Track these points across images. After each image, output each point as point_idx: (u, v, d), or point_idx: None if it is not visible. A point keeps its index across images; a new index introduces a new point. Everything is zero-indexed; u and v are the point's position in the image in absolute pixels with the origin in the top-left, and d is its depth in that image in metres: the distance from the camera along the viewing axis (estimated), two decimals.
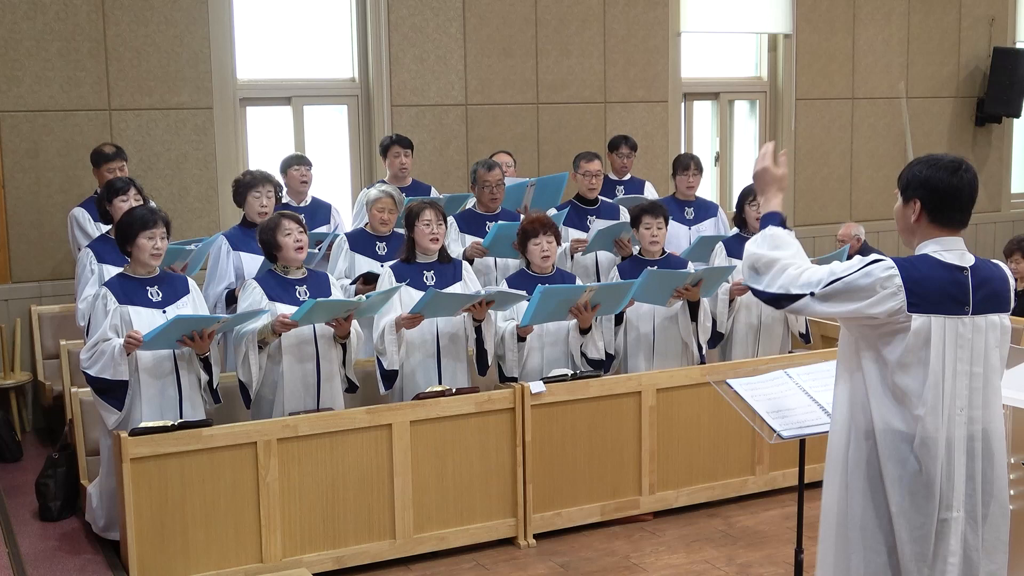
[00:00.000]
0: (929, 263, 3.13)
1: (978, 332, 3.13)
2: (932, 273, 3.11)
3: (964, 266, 3.14)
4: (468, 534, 5.41)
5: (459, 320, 5.60)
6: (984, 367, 3.14)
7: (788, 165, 3.49)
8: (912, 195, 3.17)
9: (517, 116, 9.02)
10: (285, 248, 5.31)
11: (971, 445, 3.13)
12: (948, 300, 3.09)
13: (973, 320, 3.12)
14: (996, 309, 3.17)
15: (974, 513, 3.15)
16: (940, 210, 3.15)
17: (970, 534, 3.15)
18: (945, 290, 3.10)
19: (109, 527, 5.29)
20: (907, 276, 3.08)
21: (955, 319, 3.10)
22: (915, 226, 3.20)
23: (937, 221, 3.16)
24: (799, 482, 4.39)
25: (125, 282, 5.16)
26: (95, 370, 5.00)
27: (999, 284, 3.19)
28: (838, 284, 3.12)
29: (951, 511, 3.12)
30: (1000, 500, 3.20)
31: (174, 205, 7.80)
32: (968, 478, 3.13)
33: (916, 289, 3.07)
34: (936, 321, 3.08)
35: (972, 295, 3.12)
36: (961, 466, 3.12)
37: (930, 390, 3.08)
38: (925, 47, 10.90)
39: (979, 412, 3.14)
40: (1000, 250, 8.92)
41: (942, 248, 3.15)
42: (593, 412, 5.61)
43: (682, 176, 7.34)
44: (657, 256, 6.10)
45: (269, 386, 5.30)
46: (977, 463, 3.14)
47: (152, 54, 7.76)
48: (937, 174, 3.12)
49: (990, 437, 3.16)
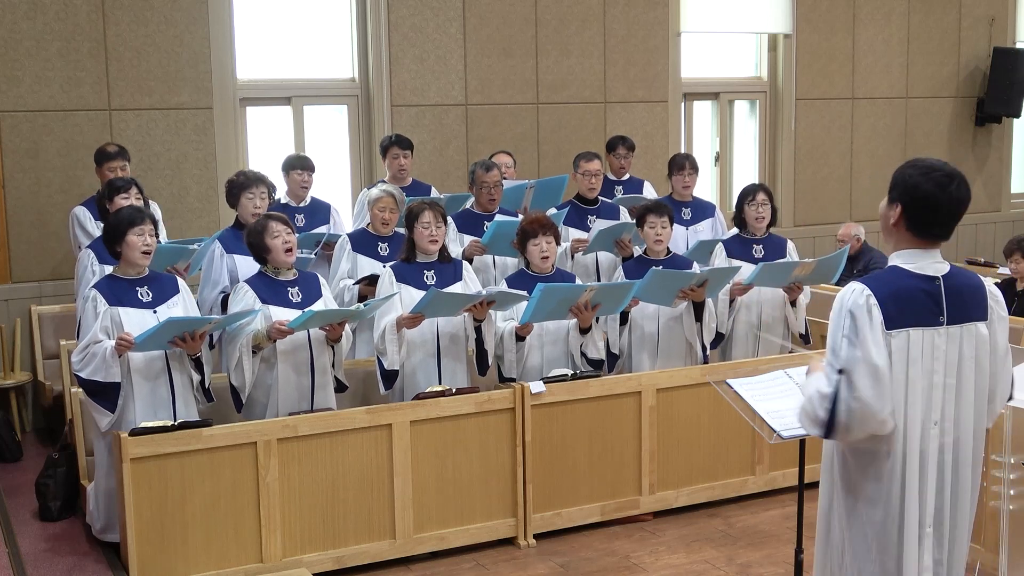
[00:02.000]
0: (898, 275, 3.07)
1: (952, 342, 3.07)
2: (902, 284, 3.05)
3: (936, 276, 3.07)
4: (468, 534, 5.41)
5: (459, 320, 5.60)
6: (957, 378, 3.09)
7: (788, 165, 3.47)
8: (896, 198, 3.08)
9: (517, 116, 9.02)
10: (274, 250, 5.29)
11: (942, 458, 3.09)
12: (922, 311, 3.04)
13: (948, 330, 3.07)
14: (972, 318, 3.10)
15: (941, 529, 3.12)
16: (919, 220, 3.05)
17: (937, 551, 3.12)
18: (918, 300, 3.04)
19: (107, 529, 5.28)
20: (879, 293, 3.02)
21: (931, 330, 3.05)
22: (893, 229, 3.11)
23: (914, 230, 3.07)
24: (799, 482, 4.39)
25: (114, 283, 5.15)
26: (87, 372, 4.99)
27: (973, 292, 3.12)
28: (845, 340, 3.00)
29: (924, 527, 3.09)
30: (964, 516, 3.15)
31: (174, 205, 7.81)
32: (937, 493, 3.09)
33: (890, 303, 3.01)
34: (914, 334, 3.03)
35: (946, 304, 3.06)
36: (932, 481, 3.08)
37: (910, 405, 3.04)
38: (925, 47, 10.90)
39: (951, 424, 3.09)
40: (1000, 250, 8.93)
41: (911, 260, 3.08)
42: (593, 412, 5.61)
43: (678, 176, 7.31)
44: (662, 256, 6.10)
45: (263, 389, 5.28)
46: (947, 476, 3.10)
47: (152, 54, 7.76)
48: (926, 184, 3.02)
49: (960, 450, 3.11)
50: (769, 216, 6.39)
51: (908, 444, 3.05)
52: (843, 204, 10.62)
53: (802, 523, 4.40)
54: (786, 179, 10.27)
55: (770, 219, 6.41)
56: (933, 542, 3.11)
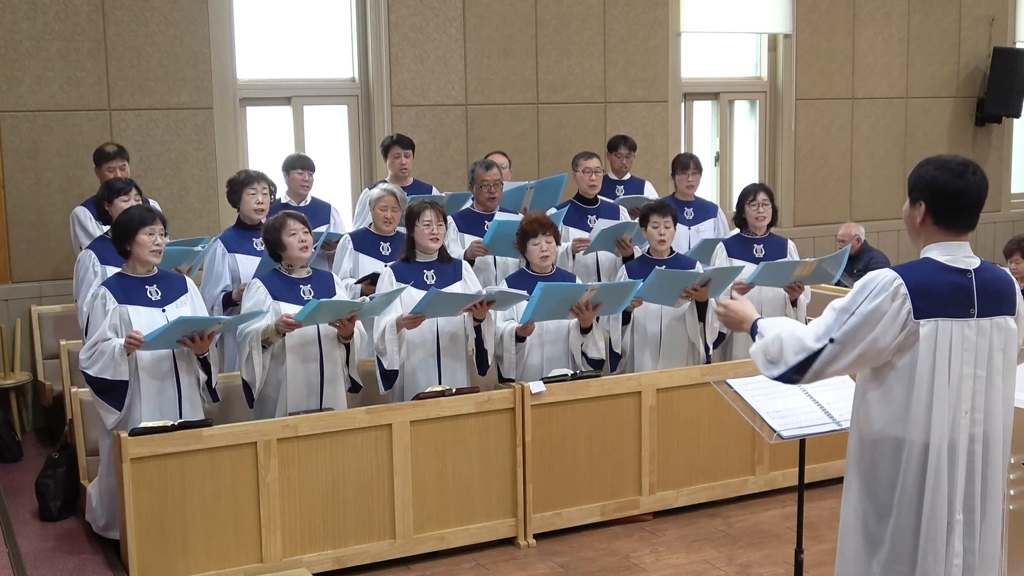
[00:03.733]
0: (931, 267, 3.11)
1: (983, 335, 3.11)
2: (935, 277, 3.08)
3: (968, 269, 3.11)
4: (468, 534, 5.41)
5: (459, 320, 5.60)
6: (988, 370, 3.12)
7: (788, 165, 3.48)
8: (918, 197, 3.13)
9: (517, 116, 9.02)
10: (290, 248, 5.31)
11: (972, 448, 3.12)
12: (953, 303, 3.07)
13: (978, 323, 3.10)
14: (1001, 311, 3.14)
15: (972, 517, 3.15)
16: (945, 213, 3.11)
17: (967, 539, 3.14)
18: (949, 293, 3.07)
19: (109, 526, 5.29)
20: (911, 281, 3.06)
21: (961, 322, 3.08)
22: (920, 228, 3.16)
23: (942, 224, 3.12)
24: (799, 482, 4.39)
25: (124, 281, 5.16)
26: (95, 370, 4.99)
27: (1004, 286, 3.16)
28: (854, 318, 3.04)
29: (953, 515, 3.11)
30: (996, 504, 3.18)
31: (174, 205, 7.81)
32: (968, 482, 3.13)
33: (921, 293, 3.04)
34: (943, 324, 3.06)
35: (977, 298, 3.10)
36: (962, 470, 3.11)
37: (937, 395, 3.06)
38: (925, 47, 10.90)
39: (981, 415, 3.12)
40: (1000, 250, 8.92)
41: (944, 252, 3.12)
42: (593, 412, 5.61)
43: (681, 176, 7.33)
44: (665, 256, 6.10)
45: (273, 385, 5.30)
46: (977, 466, 3.13)
47: (152, 54, 7.76)
48: (943, 176, 3.08)
49: (989, 440, 3.15)
50: (770, 216, 6.39)
51: (934, 433, 3.07)
52: (843, 204, 10.62)
53: (802, 523, 4.40)
54: (786, 179, 10.27)
55: (771, 219, 6.42)
56: (963, 529, 3.13)
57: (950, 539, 3.12)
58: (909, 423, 3.09)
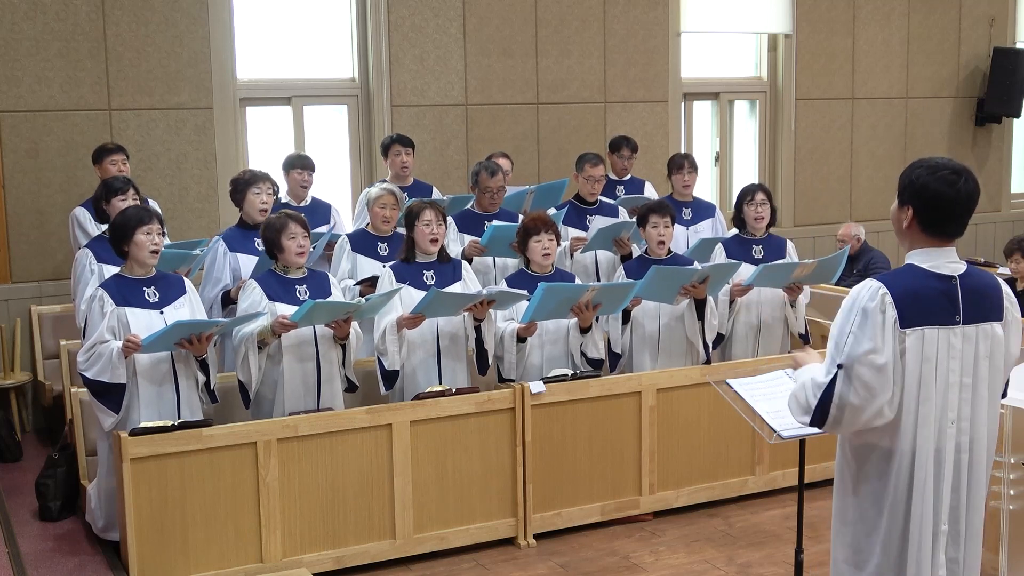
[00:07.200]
0: (915, 273, 3.07)
1: (968, 342, 3.07)
2: (919, 283, 3.05)
3: (952, 275, 3.07)
4: (468, 534, 5.41)
5: (459, 320, 5.60)
6: (973, 378, 3.09)
7: (788, 165, 3.47)
8: (907, 200, 3.08)
9: (517, 116, 9.02)
10: (287, 251, 5.30)
11: (958, 457, 3.09)
12: (938, 310, 3.03)
13: (964, 330, 3.06)
14: (988, 318, 3.10)
15: (957, 527, 3.12)
16: (932, 219, 3.06)
17: (952, 549, 3.12)
18: (934, 300, 3.03)
19: (109, 528, 5.29)
20: (895, 290, 3.02)
21: (947, 329, 3.04)
22: (907, 231, 3.12)
23: (928, 230, 3.07)
24: (799, 482, 4.39)
25: (121, 283, 5.14)
26: (93, 372, 4.98)
27: (990, 291, 3.12)
28: (851, 337, 3.01)
29: (939, 525, 3.09)
30: (979, 514, 3.16)
31: (174, 205, 7.81)
32: (953, 491, 3.10)
33: (906, 301, 3.01)
34: (929, 333, 3.02)
35: (962, 304, 3.06)
36: (948, 480, 3.08)
37: (923, 404, 3.04)
38: (925, 47, 10.90)
39: (967, 424, 3.09)
40: (1000, 250, 8.93)
41: (928, 259, 3.08)
42: (593, 412, 5.61)
43: (677, 175, 7.32)
44: (664, 256, 6.09)
45: (269, 386, 5.30)
46: (963, 476, 3.10)
47: (152, 54, 7.76)
48: (934, 184, 3.02)
49: (974, 449, 3.11)
50: (768, 216, 6.39)
51: (920, 442, 3.05)
52: (843, 204, 10.62)
53: (802, 523, 4.40)
54: (786, 179, 10.28)
55: (769, 219, 6.41)
56: (949, 540, 3.11)
57: (935, 550, 3.10)
58: (896, 433, 3.06)
